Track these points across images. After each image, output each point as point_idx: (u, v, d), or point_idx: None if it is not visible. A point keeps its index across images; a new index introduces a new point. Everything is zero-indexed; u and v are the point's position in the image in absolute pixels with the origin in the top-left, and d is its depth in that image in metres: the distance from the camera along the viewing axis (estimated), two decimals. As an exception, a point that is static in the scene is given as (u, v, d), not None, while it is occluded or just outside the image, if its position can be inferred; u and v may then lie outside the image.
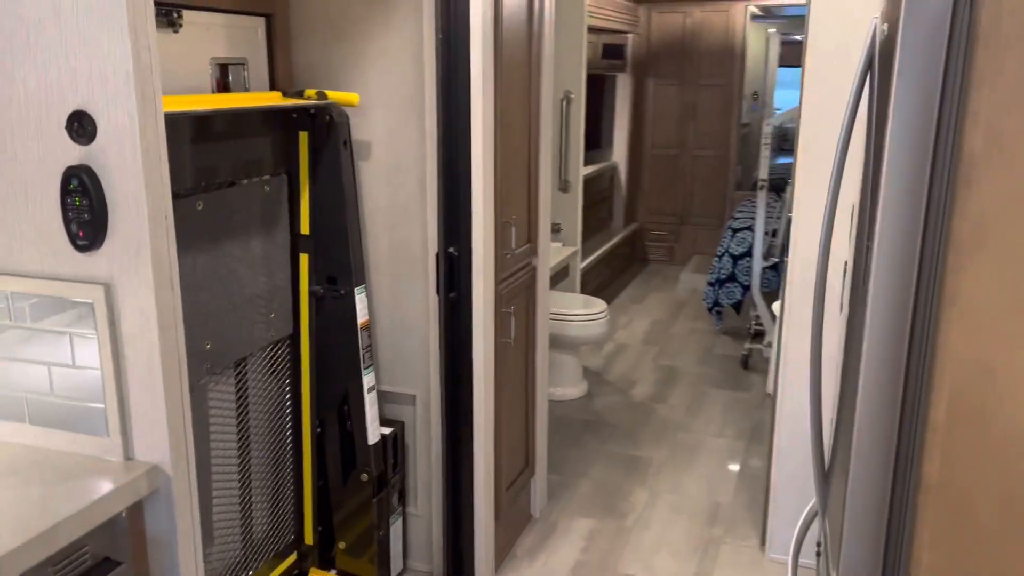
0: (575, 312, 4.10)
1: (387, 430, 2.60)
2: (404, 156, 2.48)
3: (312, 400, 2.51)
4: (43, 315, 1.38)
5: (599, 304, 4.21)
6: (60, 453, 1.42)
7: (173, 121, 1.93)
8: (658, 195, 7.08)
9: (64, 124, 1.27)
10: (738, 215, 5.49)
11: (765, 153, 4.58)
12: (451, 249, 2.47)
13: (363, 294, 2.45)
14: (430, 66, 2.37)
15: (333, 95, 2.35)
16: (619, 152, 6.79)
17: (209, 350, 2.12)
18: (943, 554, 1.13)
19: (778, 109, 6.53)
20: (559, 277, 4.08)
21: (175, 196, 1.97)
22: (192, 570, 1.41)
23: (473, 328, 2.53)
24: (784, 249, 3.60)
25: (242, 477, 2.34)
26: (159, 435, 1.35)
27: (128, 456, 1.39)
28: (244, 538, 2.37)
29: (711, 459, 3.71)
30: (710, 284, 5.26)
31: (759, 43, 6.69)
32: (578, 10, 4.37)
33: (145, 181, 1.25)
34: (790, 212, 2.89)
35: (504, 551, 2.94)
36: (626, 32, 6.41)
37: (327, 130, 2.34)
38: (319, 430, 2.56)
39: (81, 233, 1.29)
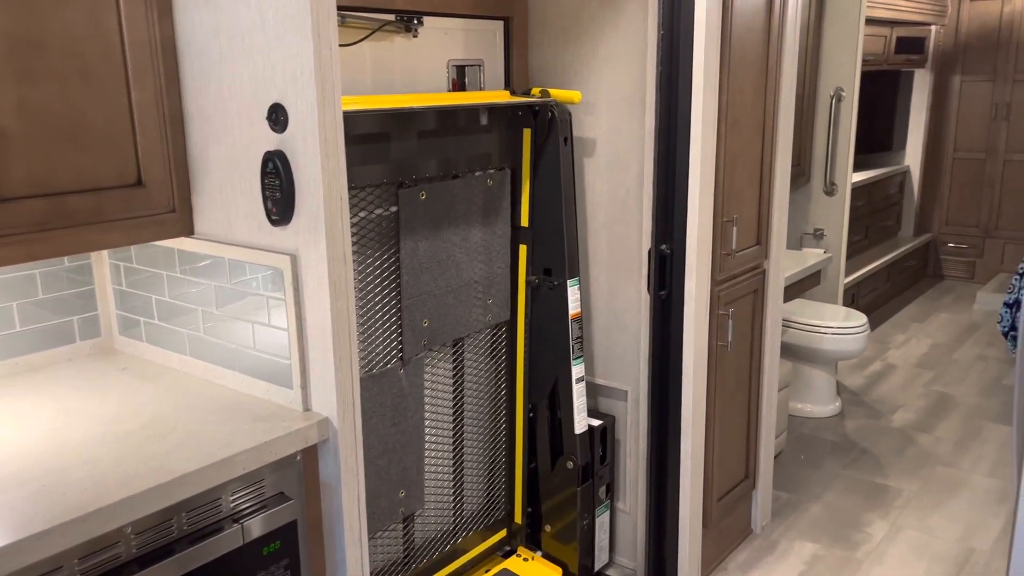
0: (830, 324, 3.84)
1: (596, 422, 2.64)
2: (625, 153, 2.50)
3: (525, 385, 2.63)
4: (251, 280, 1.62)
5: (859, 317, 3.90)
6: (256, 399, 1.65)
7: (396, 117, 2.13)
8: (959, 204, 6.34)
9: (265, 115, 1.48)
10: (1050, 229, 4.77)
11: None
12: (663, 246, 2.45)
13: (576, 286, 2.51)
14: (652, 64, 2.38)
15: (556, 93, 2.44)
16: (912, 155, 6.18)
17: (427, 327, 2.31)
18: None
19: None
20: (808, 283, 3.83)
21: (400, 185, 2.18)
22: (355, 515, 1.58)
23: (684, 328, 2.49)
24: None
25: (455, 449, 2.51)
26: (330, 391, 1.53)
27: (307, 407, 1.58)
28: (455, 506, 2.55)
29: (974, 500, 3.29)
30: (1007, 305, 4.62)
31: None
32: (854, 0, 4.06)
33: (322, 166, 1.42)
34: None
35: (713, 561, 2.85)
36: (928, 24, 5.83)
37: (548, 127, 2.43)
38: (531, 415, 2.67)
39: (274, 209, 1.50)
